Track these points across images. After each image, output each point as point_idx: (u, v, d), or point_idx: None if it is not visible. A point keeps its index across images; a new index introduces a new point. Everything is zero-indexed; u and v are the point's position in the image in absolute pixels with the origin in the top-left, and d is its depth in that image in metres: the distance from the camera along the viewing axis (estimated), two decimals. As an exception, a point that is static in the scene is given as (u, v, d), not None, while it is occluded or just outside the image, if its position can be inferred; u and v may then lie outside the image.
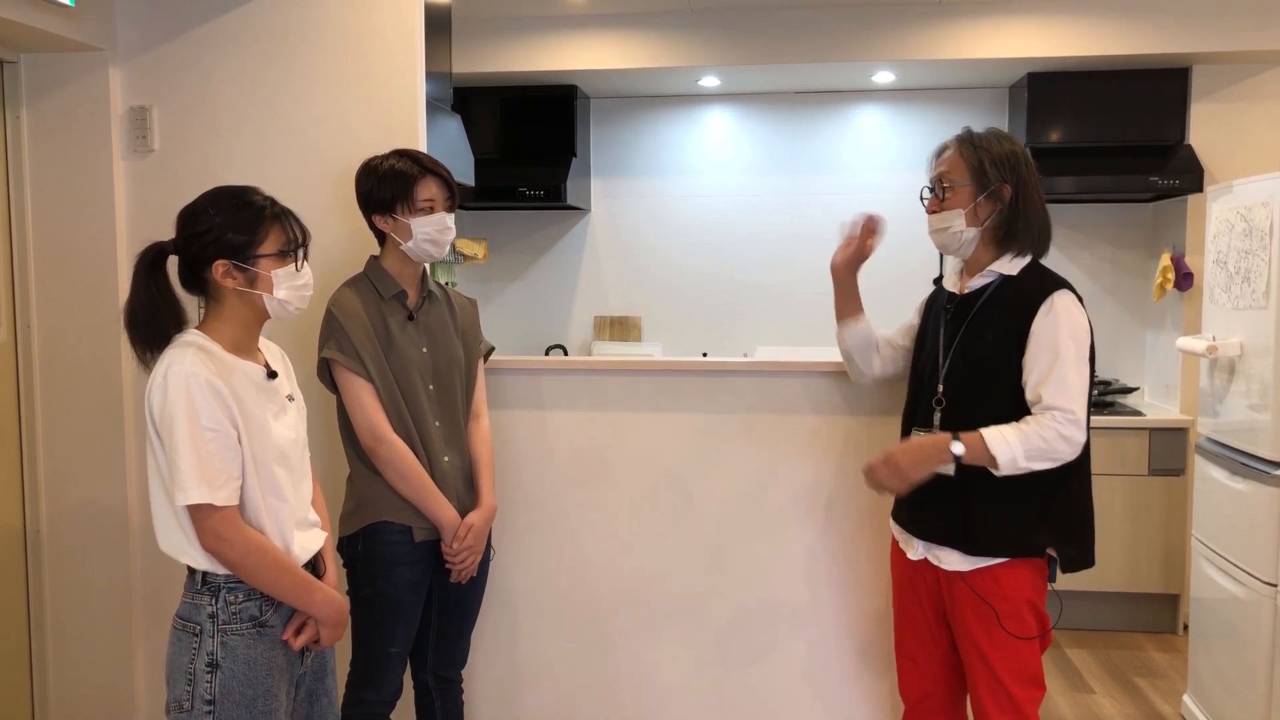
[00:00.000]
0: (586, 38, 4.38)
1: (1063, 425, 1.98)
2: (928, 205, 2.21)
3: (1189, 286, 4.22)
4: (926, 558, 2.17)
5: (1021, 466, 2.00)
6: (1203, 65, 4.22)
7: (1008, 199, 2.12)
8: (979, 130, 2.19)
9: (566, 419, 2.75)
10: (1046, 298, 2.05)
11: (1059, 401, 1.99)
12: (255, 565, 1.77)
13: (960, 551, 2.10)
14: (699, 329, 4.99)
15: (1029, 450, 1.98)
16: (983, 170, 2.12)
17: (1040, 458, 2.00)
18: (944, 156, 2.20)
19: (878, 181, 4.84)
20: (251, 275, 1.81)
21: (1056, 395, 1.99)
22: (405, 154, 2.30)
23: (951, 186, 2.14)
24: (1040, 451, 1.99)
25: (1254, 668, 2.87)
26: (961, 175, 2.14)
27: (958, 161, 2.15)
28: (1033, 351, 2.04)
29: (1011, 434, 2.00)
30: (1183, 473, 4.12)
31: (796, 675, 2.74)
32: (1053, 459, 2.01)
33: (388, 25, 2.68)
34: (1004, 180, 2.11)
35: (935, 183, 2.19)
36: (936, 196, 2.18)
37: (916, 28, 4.20)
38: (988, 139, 2.16)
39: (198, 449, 1.70)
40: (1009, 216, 2.12)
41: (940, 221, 2.17)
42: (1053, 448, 1.99)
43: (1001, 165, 2.12)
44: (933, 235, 2.20)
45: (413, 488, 2.24)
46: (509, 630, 2.81)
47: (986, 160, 2.12)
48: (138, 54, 2.77)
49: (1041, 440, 1.98)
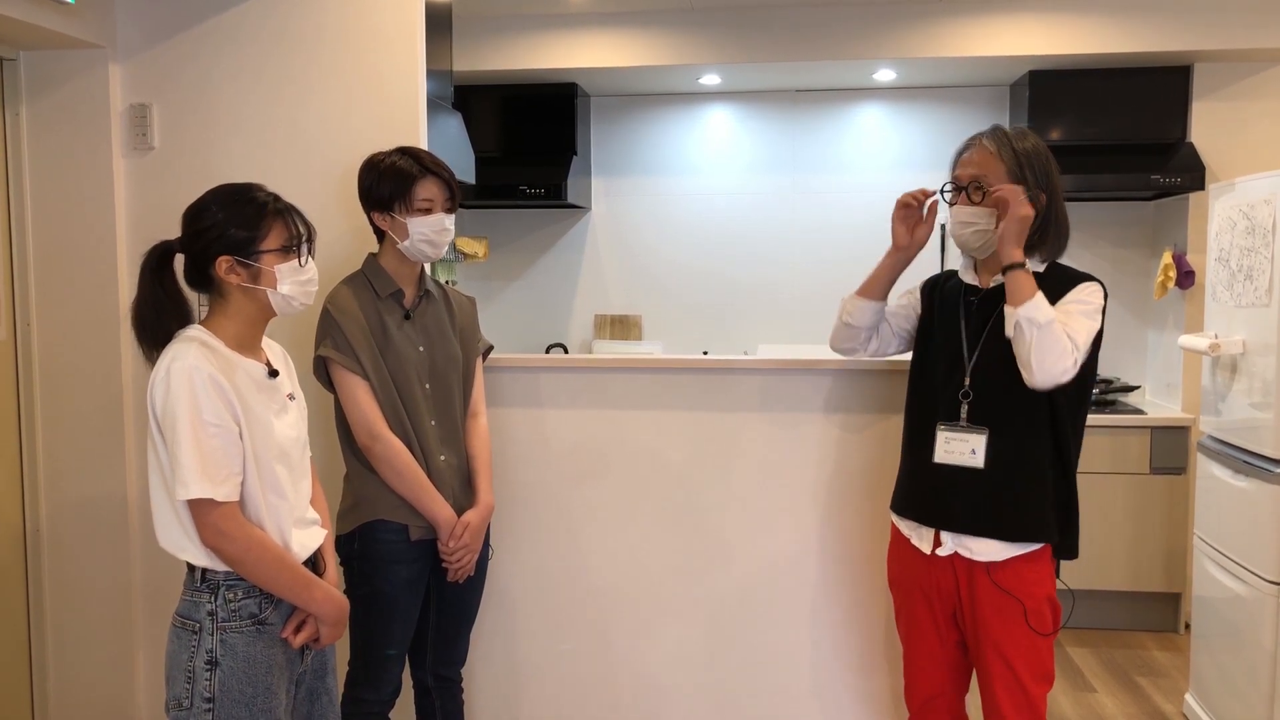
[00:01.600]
0: (587, 36, 4.37)
1: (1068, 347, 1.99)
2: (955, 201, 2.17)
3: (1190, 285, 4.22)
4: (957, 551, 2.13)
5: (1038, 323, 1.98)
6: (1204, 63, 4.22)
7: (1043, 206, 2.11)
8: (1009, 129, 2.16)
9: (565, 417, 2.75)
10: (1083, 282, 2.11)
11: (1072, 333, 2.02)
12: (255, 561, 1.77)
13: (997, 540, 2.09)
14: (700, 327, 4.98)
15: (1050, 326, 1.98)
16: (1022, 177, 2.10)
17: (1044, 339, 1.98)
18: (976, 155, 2.14)
19: (879, 180, 4.83)
20: (255, 271, 1.81)
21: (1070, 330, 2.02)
22: (408, 152, 2.29)
23: (988, 189, 2.10)
24: (1049, 337, 1.98)
25: (1256, 666, 2.86)
26: (1001, 179, 2.10)
27: (996, 166, 2.11)
28: (1059, 305, 2.06)
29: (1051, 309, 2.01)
30: (1184, 471, 4.11)
31: (797, 675, 2.74)
32: (1041, 352, 1.98)
33: (389, 23, 2.67)
34: (1041, 188, 2.11)
35: (968, 182, 2.13)
36: (968, 195, 2.13)
37: (917, 26, 4.19)
38: (1025, 143, 2.13)
39: (200, 444, 1.70)
40: (1042, 223, 2.12)
41: (969, 216, 2.12)
42: (1055, 349, 1.98)
43: (1039, 173, 2.11)
44: (955, 229, 2.15)
45: (408, 486, 2.24)
46: (508, 629, 2.81)
47: (1026, 168, 2.10)
48: (138, 51, 2.76)
49: (1058, 335, 1.98)
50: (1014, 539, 2.09)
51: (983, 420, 2.11)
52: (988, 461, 2.09)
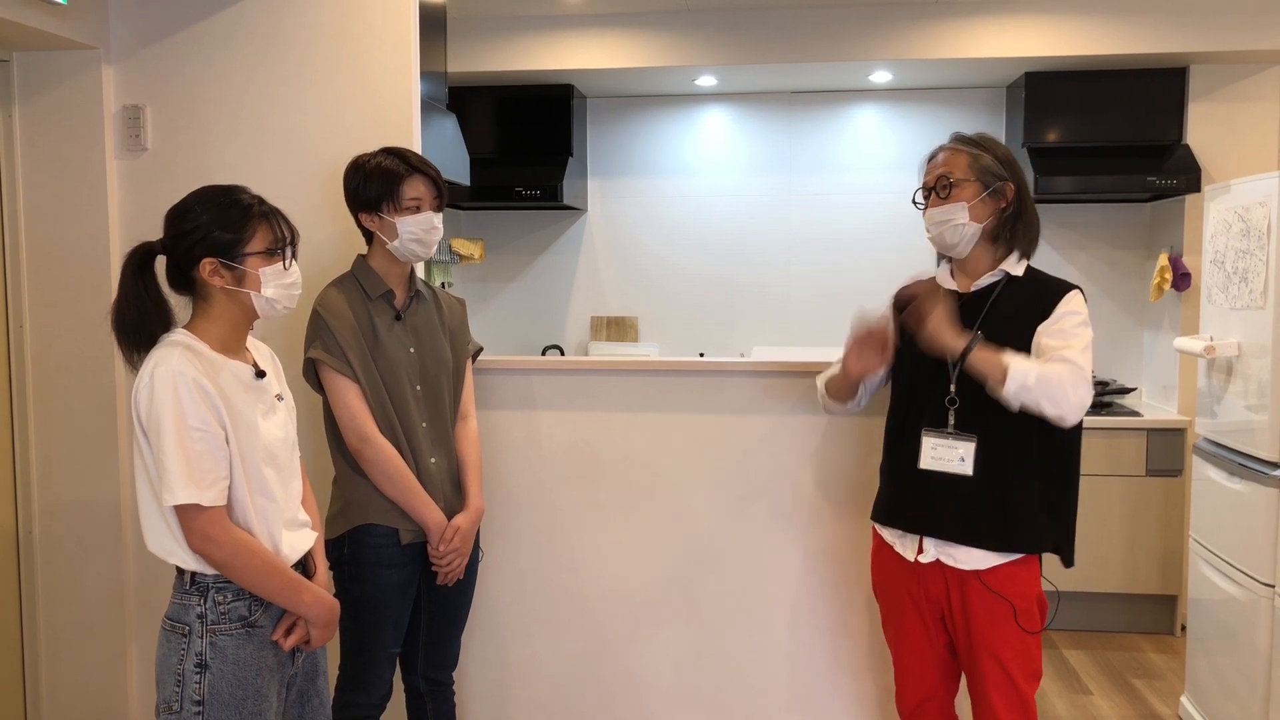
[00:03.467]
0: (583, 37, 4.37)
1: (1074, 376, 1.98)
2: (927, 203, 2.19)
3: (1186, 287, 4.21)
4: (939, 558, 2.13)
5: (1029, 387, 1.97)
6: (1200, 65, 4.21)
7: (1010, 197, 2.13)
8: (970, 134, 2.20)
9: (558, 419, 2.74)
10: (1065, 294, 2.10)
11: (1072, 357, 2.00)
12: (243, 566, 1.76)
13: (983, 549, 2.09)
14: (696, 329, 4.98)
15: (1042, 376, 1.97)
16: (986, 167, 2.12)
17: (1046, 392, 1.97)
18: (941, 158, 2.18)
19: (875, 182, 4.83)
20: (239, 274, 1.80)
21: (1069, 355, 2.01)
22: (393, 152, 2.29)
23: (955, 183, 2.13)
24: (1049, 385, 1.97)
25: (1252, 669, 2.86)
26: (964, 172, 2.13)
27: (959, 159, 2.14)
28: (1049, 323, 2.06)
29: (1023, 360, 2.01)
30: (1180, 473, 4.11)
31: (787, 678, 2.73)
32: (1054, 400, 1.98)
33: (382, 24, 2.67)
34: (1006, 179, 2.12)
35: (935, 182, 2.16)
36: (937, 195, 2.15)
37: (914, 27, 4.19)
38: (986, 139, 2.18)
39: (185, 449, 1.70)
40: (1011, 216, 2.13)
41: (942, 214, 2.13)
42: (1062, 389, 1.97)
43: (1004, 163, 2.14)
44: (931, 229, 2.17)
45: (398, 489, 2.23)
46: (500, 632, 2.81)
47: (989, 158, 2.13)
48: (131, 53, 2.76)
49: (1055, 375, 1.97)
50: (1005, 549, 2.08)
51: (970, 427, 2.10)
52: (977, 469, 2.08)
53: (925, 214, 2.19)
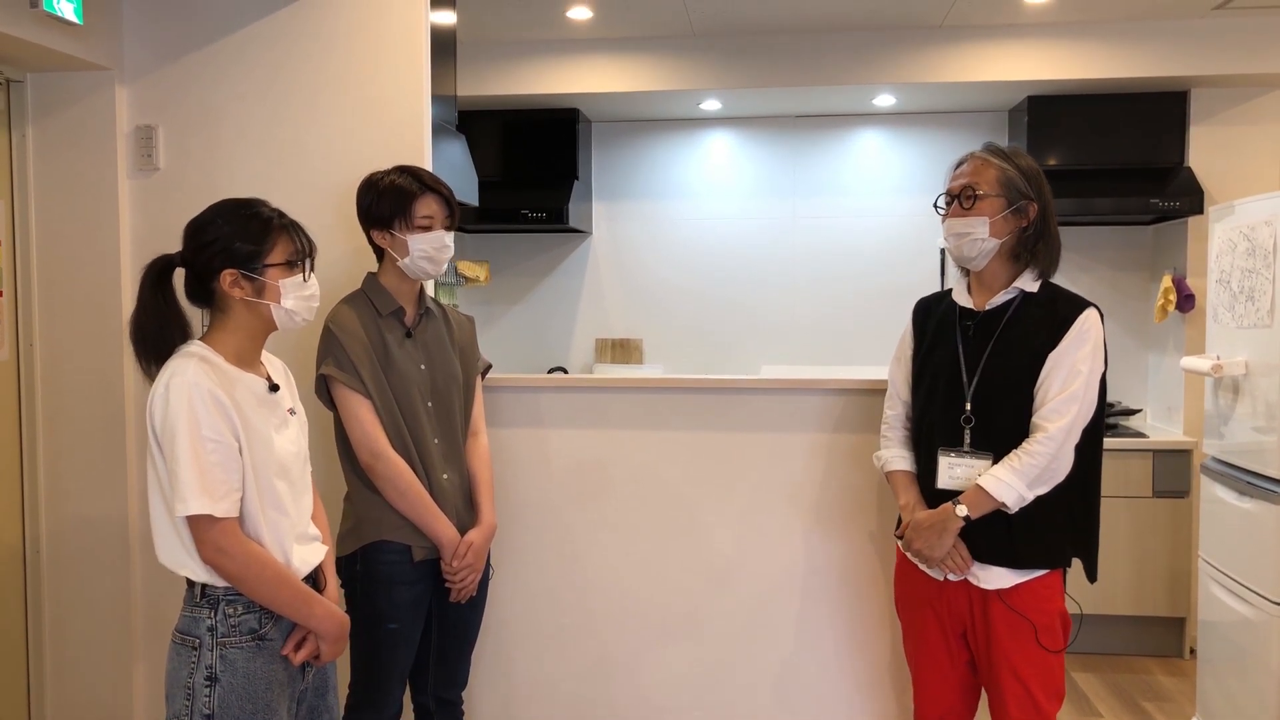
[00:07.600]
0: (589, 61, 4.41)
1: (1053, 451, 2.02)
2: (948, 211, 2.18)
3: (1191, 308, 4.22)
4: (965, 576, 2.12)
5: (1029, 498, 2.04)
6: (1201, 89, 4.25)
7: (1033, 216, 2.12)
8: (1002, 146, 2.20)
9: (566, 437, 2.74)
10: (1079, 314, 2.08)
11: (1053, 422, 2.02)
12: (255, 578, 1.76)
13: (1006, 568, 2.09)
14: (701, 352, 4.99)
15: (1030, 481, 2.03)
16: (1013, 184, 2.11)
17: (1044, 483, 2.05)
18: (969, 167, 2.17)
19: (879, 205, 4.85)
20: (259, 285, 1.81)
21: (1053, 416, 2.03)
22: (406, 170, 2.30)
23: (980, 195, 2.12)
24: (1040, 475, 2.04)
25: (1263, 690, 2.84)
26: (991, 186, 2.12)
27: (988, 172, 2.13)
28: (1050, 366, 2.06)
29: (1005, 473, 2.03)
30: (1187, 494, 4.10)
31: (800, 696, 2.71)
32: (1053, 480, 2.06)
33: (394, 47, 2.69)
34: (1031, 198, 2.12)
35: (960, 191, 2.15)
36: (960, 204, 2.14)
37: (917, 51, 4.23)
38: (1016, 153, 2.17)
39: (199, 459, 1.70)
40: (1033, 235, 2.13)
41: (963, 226, 2.12)
42: (1051, 471, 2.04)
43: (1031, 182, 2.13)
44: (950, 240, 2.16)
45: (412, 505, 2.23)
46: (509, 651, 2.79)
47: (1016, 175, 2.12)
48: (144, 73, 2.79)
49: (1036, 468, 2.02)
50: (1029, 567, 2.08)
51: (987, 445, 2.10)
52: None
53: (945, 222, 2.18)
